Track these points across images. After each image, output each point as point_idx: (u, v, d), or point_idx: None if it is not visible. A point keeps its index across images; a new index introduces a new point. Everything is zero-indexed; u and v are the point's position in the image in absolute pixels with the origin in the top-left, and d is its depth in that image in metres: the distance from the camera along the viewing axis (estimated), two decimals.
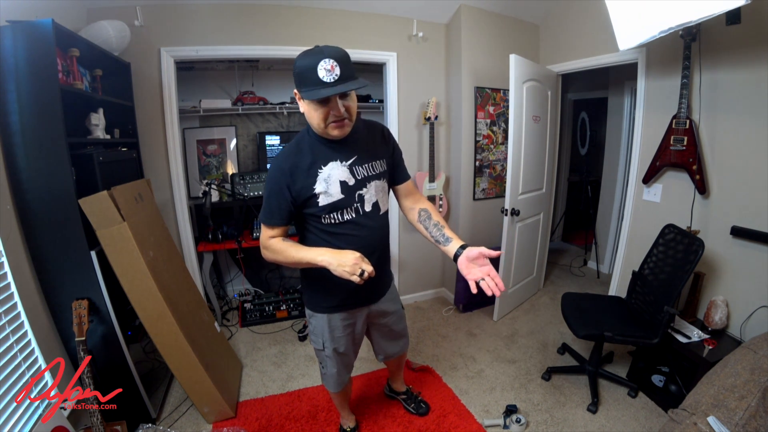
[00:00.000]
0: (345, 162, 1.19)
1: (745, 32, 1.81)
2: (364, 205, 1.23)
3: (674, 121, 2.08)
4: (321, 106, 1.07)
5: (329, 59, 1.02)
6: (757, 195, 1.84)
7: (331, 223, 1.21)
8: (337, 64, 1.02)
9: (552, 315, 2.95)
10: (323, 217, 1.19)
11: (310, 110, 1.10)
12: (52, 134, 1.48)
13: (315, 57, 1.02)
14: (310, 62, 1.02)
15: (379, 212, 1.28)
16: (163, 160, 2.51)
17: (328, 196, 1.17)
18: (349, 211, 1.21)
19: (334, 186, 1.17)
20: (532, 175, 2.87)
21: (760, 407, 1.13)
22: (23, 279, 1.52)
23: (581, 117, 4.06)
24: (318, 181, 1.16)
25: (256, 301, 3.09)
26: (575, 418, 1.91)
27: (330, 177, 1.17)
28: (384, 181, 1.28)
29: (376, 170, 1.24)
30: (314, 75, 1.02)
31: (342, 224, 1.21)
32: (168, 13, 2.34)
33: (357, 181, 1.20)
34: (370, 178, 1.23)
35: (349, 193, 1.19)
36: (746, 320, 1.88)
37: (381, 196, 1.28)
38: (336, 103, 1.07)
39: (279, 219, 1.19)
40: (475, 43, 2.80)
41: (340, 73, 1.03)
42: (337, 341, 1.40)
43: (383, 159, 1.28)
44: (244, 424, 1.87)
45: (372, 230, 1.26)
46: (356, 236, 1.22)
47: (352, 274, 1.03)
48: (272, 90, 3.26)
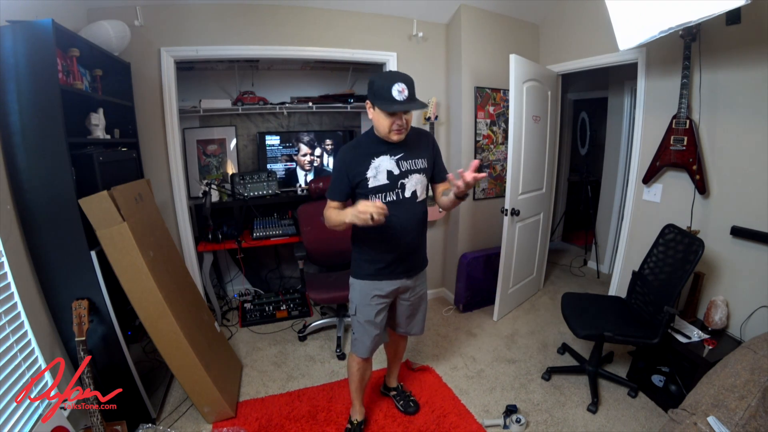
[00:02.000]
0: (393, 156, 1.50)
1: (745, 32, 1.81)
2: (405, 192, 1.52)
3: (674, 121, 2.08)
4: (389, 117, 1.39)
5: (401, 83, 1.35)
6: (757, 195, 1.84)
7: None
8: (406, 87, 1.36)
9: (552, 315, 2.95)
10: (371, 196, 1.48)
11: (379, 118, 1.42)
12: (52, 134, 1.48)
13: (391, 79, 1.36)
14: (387, 83, 1.35)
15: (416, 199, 1.56)
16: (163, 160, 2.51)
17: (376, 180, 1.48)
18: (391, 195, 1.51)
19: (382, 173, 1.48)
20: (532, 175, 2.87)
21: (760, 407, 1.13)
22: (23, 279, 1.52)
23: (581, 117, 4.07)
24: (370, 168, 1.48)
25: (256, 301, 3.09)
26: (575, 418, 1.91)
27: (380, 166, 1.48)
28: (423, 175, 1.56)
29: (417, 166, 1.54)
30: (389, 93, 1.34)
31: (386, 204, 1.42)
32: (168, 13, 2.34)
33: (401, 172, 1.50)
34: (412, 171, 1.52)
35: (393, 180, 1.50)
36: (746, 320, 1.88)
37: (419, 187, 1.56)
38: (401, 116, 1.40)
39: (338, 195, 1.53)
40: (475, 43, 2.80)
41: (407, 95, 1.36)
42: (368, 309, 1.63)
43: (425, 159, 1.57)
44: (244, 424, 1.87)
45: (408, 212, 1.54)
46: (394, 215, 1.46)
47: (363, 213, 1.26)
48: (272, 90, 3.26)
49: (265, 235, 2.85)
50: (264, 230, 2.88)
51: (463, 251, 3.05)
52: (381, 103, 1.37)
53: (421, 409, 1.97)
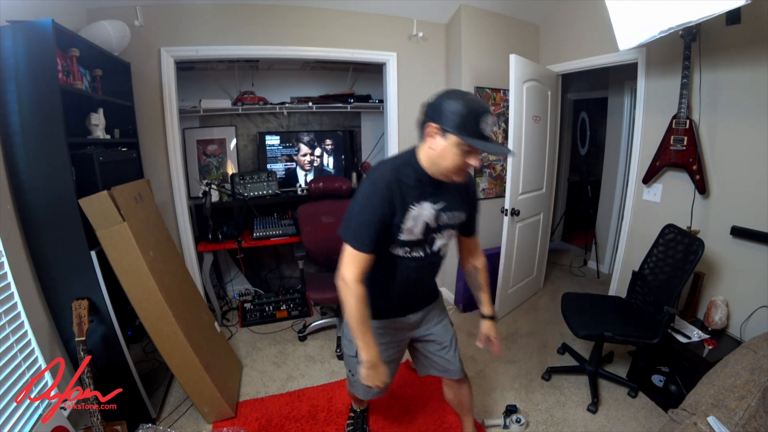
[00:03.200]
0: (435, 205, 1.16)
1: (745, 32, 1.81)
2: (433, 246, 1.22)
3: (674, 121, 2.08)
4: (465, 153, 1.06)
5: (491, 116, 1.05)
6: (757, 195, 1.84)
7: (400, 255, 1.19)
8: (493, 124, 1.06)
9: (552, 315, 2.95)
10: (397, 248, 1.18)
11: (451, 150, 1.06)
12: (52, 134, 1.48)
13: (480, 108, 1.03)
14: (476, 111, 1.02)
15: (440, 255, 1.28)
16: (163, 160, 2.51)
17: (410, 234, 1.15)
18: (419, 251, 1.20)
19: (419, 227, 1.15)
20: (532, 175, 2.87)
21: (760, 407, 1.13)
22: (23, 279, 1.52)
23: (581, 117, 4.07)
24: (407, 217, 1.12)
25: (256, 301, 3.09)
26: (575, 418, 1.91)
27: (419, 216, 1.14)
28: (455, 230, 1.28)
29: (455, 221, 1.24)
30: (476, 125, 1.02)
31: (408, 259, 1.20)
32: (168, 13, 2.34)
33: (438, 226, 1.19)
34: (448, 226, 1.22)
35: (427, 234, 1.18)
36: (746, 320, 1.88)
37: (446, 243, 1.27)
38: (477, 155, 1.08)
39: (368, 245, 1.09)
40: (475, 43, 2.80)
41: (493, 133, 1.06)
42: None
43: (464, 212, 1.26)
44: (244, 424, 1.87)
45: (428, 266, 1.27)
46: (413, 269, 1.22)
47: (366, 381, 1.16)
48: (272, 90, 3.26)
49: (265, 235, 2.85)
50: (264, 230, 2.88)
51: None
52: (468, 136, 1.01)
53: (420, 409, 1.97)
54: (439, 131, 1.06)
